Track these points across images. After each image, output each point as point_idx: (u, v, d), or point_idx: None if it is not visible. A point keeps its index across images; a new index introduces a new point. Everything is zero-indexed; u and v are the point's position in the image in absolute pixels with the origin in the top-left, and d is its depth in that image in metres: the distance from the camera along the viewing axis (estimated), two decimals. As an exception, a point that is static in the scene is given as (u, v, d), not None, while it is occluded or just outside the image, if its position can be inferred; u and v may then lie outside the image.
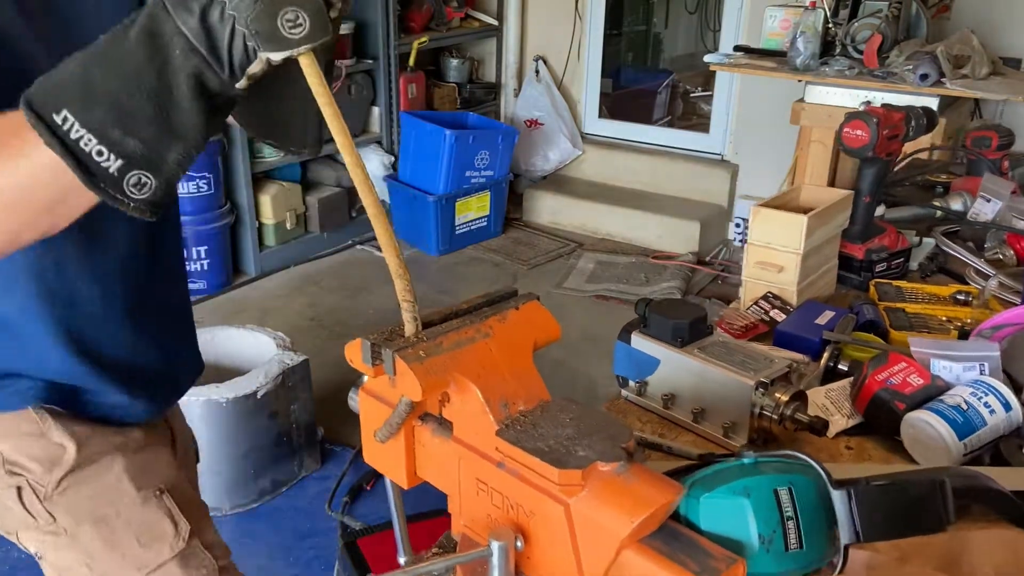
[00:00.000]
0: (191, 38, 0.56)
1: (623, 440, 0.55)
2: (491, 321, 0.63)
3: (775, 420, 0.90)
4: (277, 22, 0.55)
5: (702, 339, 0.98)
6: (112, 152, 0.57)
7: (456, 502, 0.66)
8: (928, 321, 1.18)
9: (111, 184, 0.58)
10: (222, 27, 0.56)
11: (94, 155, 0.57)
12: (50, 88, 0.58)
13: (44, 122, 0.57)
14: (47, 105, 0.57)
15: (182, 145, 0.59)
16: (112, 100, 0.57)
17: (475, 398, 0.60)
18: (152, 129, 0.57)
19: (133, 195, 0.59)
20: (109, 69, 0.57)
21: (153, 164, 0.58)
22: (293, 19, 0.55)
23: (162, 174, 0.59)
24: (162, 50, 0.56)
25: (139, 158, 0.58)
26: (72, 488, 0.93)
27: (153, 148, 0.58)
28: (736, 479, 0.56)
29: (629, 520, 0.51)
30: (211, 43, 0.56)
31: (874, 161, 1.35)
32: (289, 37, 0.56)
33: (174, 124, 0.58)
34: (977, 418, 0.91)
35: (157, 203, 0.60)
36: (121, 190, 0.58)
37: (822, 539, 0.56)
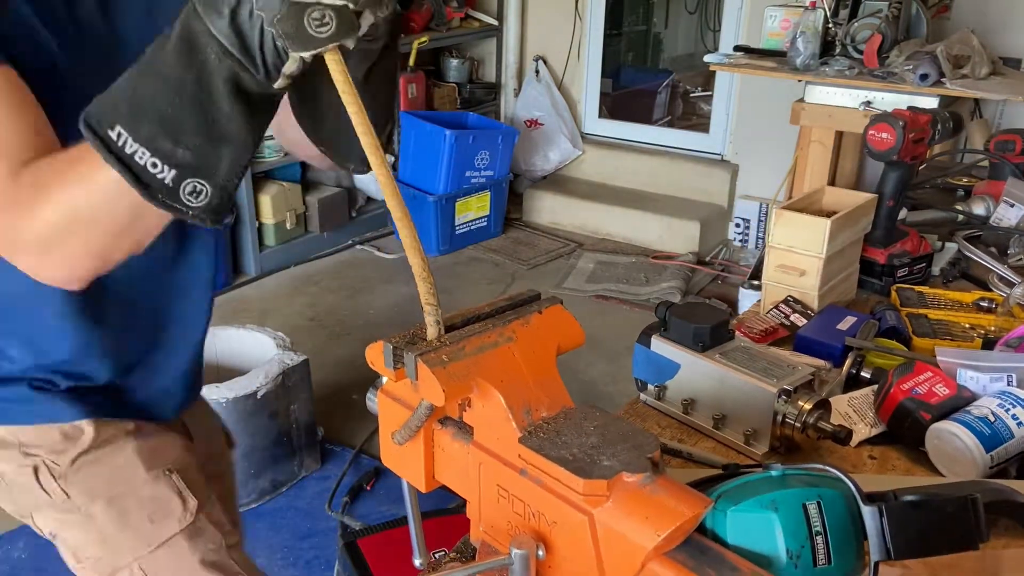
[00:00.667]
0: (223, 41, 0.56)
1: (649, 450, 0.55)
2: (514, 325, 0.62)
3: (798, 428, 0.89)
4: (304, 21, 0.55)
5: (723, 344, 0.97)
6: (165, 163, 0.59)
7: (475, 508, 0.65)
8: (951, 328, 1.17)
9: (168, 195, 0.60)
10: (251, 28, 0.56)
11: (149, 167, 0.58)
12: (104, 105, 0.59)
13: (100, 139, 0.58)
14: (102, 122, 0.59)
15: (230, 148, 0.59)
16: (158, 112, 0.58)
17: (498, 404, 0.59)
18: (199, 136, 0.58)
19: (190, 203, 0.60)
20: (152, 81, 0.58)
21: (205, 171, 0.60)
22: (319, 18, 0.55)
23: (216, 180, 0.60)
24: (198, 56, 0.57)
25: (191, 166, 0.59)
26: (86, 467, 0.96)
27: (203, 154, 0.59)
28: (764, 492, 0.55)
29: (655, 533, 0.50)
30: (243, 44, 0.57)
31: (899, 165, 1.34)
32: (316, 36, 0.55)
33: (219, 128, 0.59)
34: (1004, 430, 0.90)
35: (215, 209, 0.61)
36: (178, 199, 0.60)
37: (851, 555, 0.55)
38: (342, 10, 0.56)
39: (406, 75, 4.16)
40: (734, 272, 3.93)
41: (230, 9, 0.56)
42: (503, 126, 4.33)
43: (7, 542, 2.20)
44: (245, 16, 0.56)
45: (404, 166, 4.08)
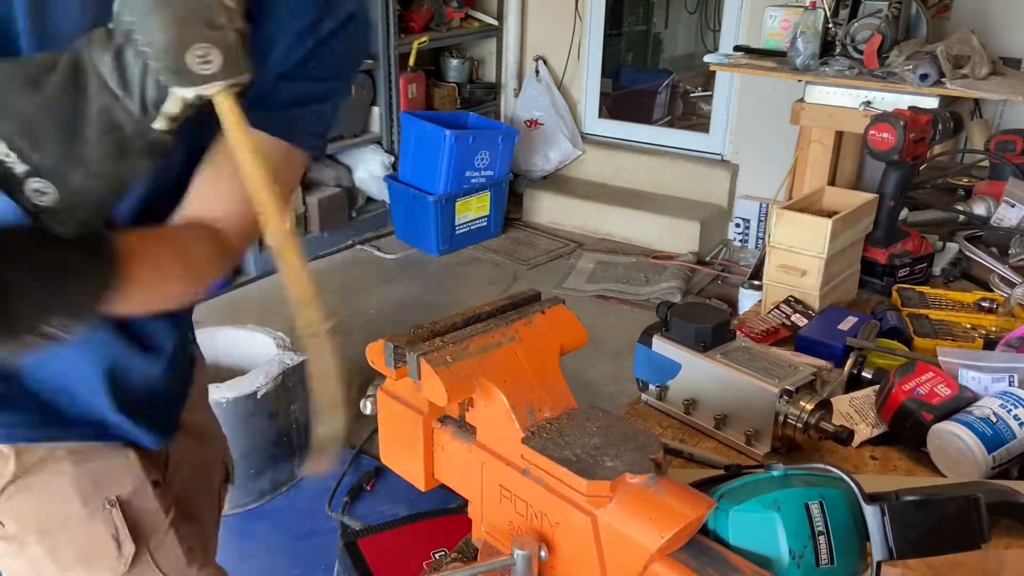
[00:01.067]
0: (104, 74, 0.57)
1: (652, 451, 0.55)
2: (517, 325, 0.62)
3: (799, 429, 0.89)
4: (185, 57, 0.55)
5: (725, 344, 0.97)
6: (19, 157, 0.59)
7: (477, 508, 0.65)
8: (952, 328, 1.16)
9: (13, 183, 0.59)
10: (134, 64, 0.57)
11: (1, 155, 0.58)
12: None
13: None
14: None
15: (83, 172, 0.60)
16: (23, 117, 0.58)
17: (501, 404, 0.59)
18: (56, 151, 0.59)
19: (32, 199, 0.60)
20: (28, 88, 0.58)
21: (55, 178, 0.60)
22: (203, 55, 0.55)
23: (63, 191, 0.60)
24: (80, 83, 0.58)
25: (40, 170, 0.59)
26: (18, 496, 0.87)
27: (55, 166, 0.59)
28: (766, 492, 0.55)
29: (659, 534, 0.50)
30: (123, 80, 0.57)
31: (899, 165, 1.33)
32: (198, 72, 0.56)
33: (79, 152, 0.59)
34: (1006, 431, 0.90)
35: (56, 213, 0.60)
36: (21, 192, 0.60)
37: (853, 555, 0.55)
38: (229, 48, 0.56)
39: (406, 75, 4.16)
40: (734, 272, 3.93)
41: (117, 45, 0.56)
42: (503, 126, 4.33)
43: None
44: (131, 53, 0.56)
45: (404, 166, 4.07)
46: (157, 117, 0.58)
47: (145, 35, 0.55)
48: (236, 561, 2.20)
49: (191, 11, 0.55)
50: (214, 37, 0.55)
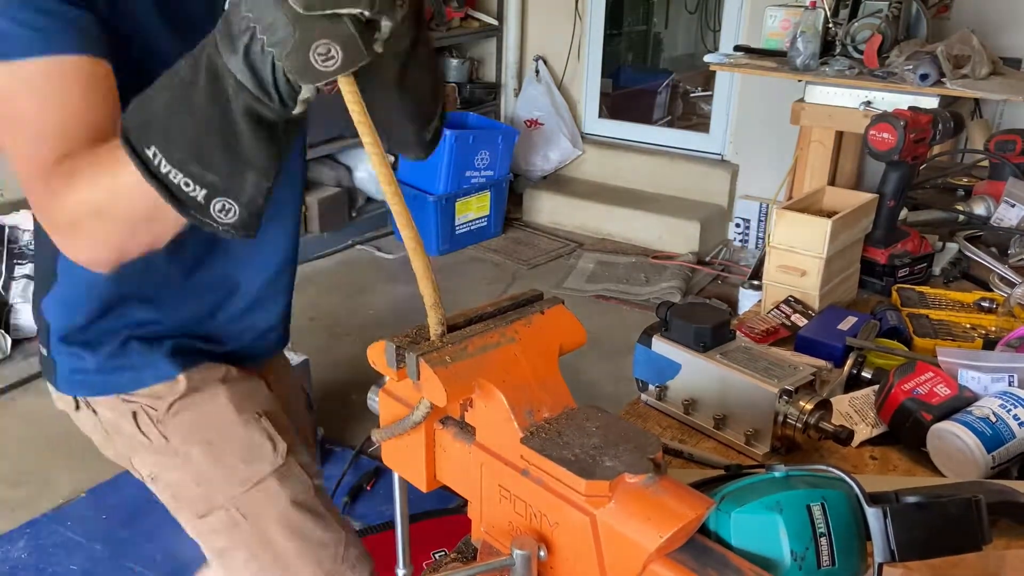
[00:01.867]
0: (238, 76, 0.59)
1: (651, 451, 0.55)
2: (517, 325, 0.62)
3: (799, 429, 0.89)
4: (309, 56, 0.56)
5: (724, 344, 0.97)
6: (196, 183, 0.62)
7: (476, 508, 0.65)
8: (952, 328, 1.16)
9: (199, 210, 0.64)
10: (263, 63, 0.58)
11: (182, 186, 0.62)
12: (140, 123, 0.63)
13: (138, 156, 0.62)
14: (140, 140, 0.62)
15: (254, 172, 0.63)
16: (188, 140, 0.61)
17: (500, 404, 0.59)
18: (224, 163, 0.62)
19: (220, 219, 0.64)
20: (182, 110, 0.61)
21: (232, 192, 0.63)
22: (325, 52, 0.56)
23: (242, 199, 0.64)
24: (221, 89, 0.60)
25: (219, 188, 0.63)
26: (183, 412, 1.04)
27: (229, 178, 0.63)
28: (768, 494, 0.54)
29: (658, 534, 0.50)
30: (257, 79, 0.59)
31: (900, 165, 1.33)
32: (323, 70, 0.57)
33: (242, 155, 0.62)
34: (1006, 430, 0.89)
35: (243, 225, 0.65)
36: (208, 215, 0.64)
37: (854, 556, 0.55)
38: (347, 41, 0.56)
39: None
40: (734, 272, 3.93)
41: (244, 45, 0.57)
42: (503, 126, 4.33)
43: (7, 542, 2.20)
44: (257, 51, 0.57)
45: (404, 166, 4.07)
46: (296, 105, 0.61)
47: (269, 36, 0.57)
48: (236, 561, 2.20)
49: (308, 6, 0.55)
50: (332, 31, 0.56)
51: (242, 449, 1.06)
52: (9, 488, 2.40)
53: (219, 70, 0.59)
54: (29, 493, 2.38)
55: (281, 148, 0.64)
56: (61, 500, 2.34)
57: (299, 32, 0.55)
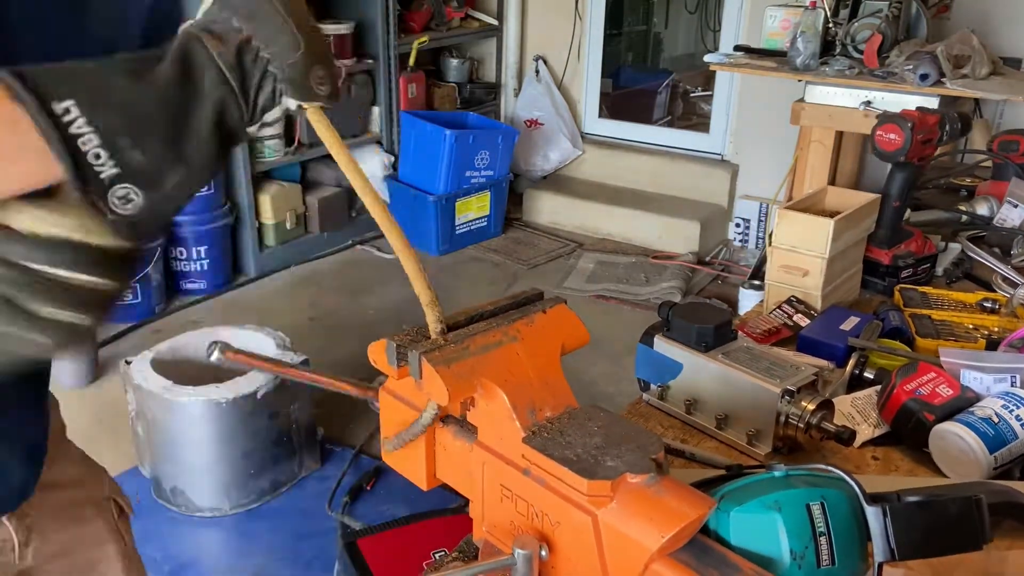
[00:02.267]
0: (224, 70, 0.56)
1: (653, 451, 0.54)
2: (519, 324, 0.62)
3: (801, 429, 0.89)
4: (309, 76, 0.58)
5: (726, 344, 0.97)
6: (113, 159, 0.54)
7: (478, 507, 0.65)
8: (954, 329, 1.16)
9: (96, 189, 0.54)
10: (254, 68, 0.57)
11: (91, 157, 0.53)
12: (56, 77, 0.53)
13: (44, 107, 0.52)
14: (49, 92, 0.52)
15: (184, 171, 0.57)
16: (131, 108, 0.54)
17: (502, 403, 0.59)
18: (160, 146, 0.55)
19: (114, 207, 0.54)
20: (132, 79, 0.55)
21: (149, 183, 0.55)
22: (321, 77, 0.58)
23: (153, 195, 0.56)
24: (194, 74, 0.56)
25: (137, 172, 0.55)
26: None
27: (156, 167, 0.55)
28: (767, 493, 0.54)
29: (659, 534, 0.50)
30: (242, 79, 0.57)
31: (906, 166, 1.33)
32: (316, 92, 0.58)
33: (184, 149, 0.56)
34: (1008, 431, 0.89)
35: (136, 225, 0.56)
36: (104, 199, 0.54)
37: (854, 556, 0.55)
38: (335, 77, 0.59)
39: (406, 75, 4.16)
40: (734, 272, 3.93)
41: (238, 43, 0.57)
42: (503, 126, 4.33)
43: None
44: (251, 56, 0.57)
45: (404, 166, 4.07)
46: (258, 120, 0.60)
47: (274, 47, 0.57)
48: (236, 561, 2.20)
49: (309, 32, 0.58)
50: (328, 62, 0.59)
51: None
52: (9, 488, 2.39)
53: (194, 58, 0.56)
54: (29, 493, 2.37)
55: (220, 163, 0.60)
56: (61, 500, 2.34)
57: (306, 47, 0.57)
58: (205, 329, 2.55)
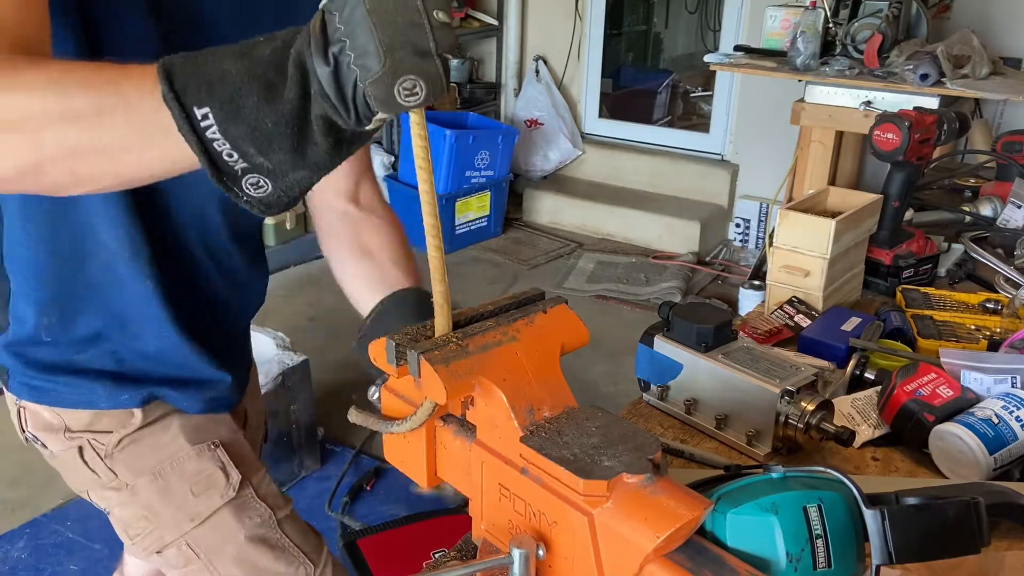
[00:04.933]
0: (323, 83, 0.57)
1: (650, 451, 0.54)
2: (518, 324, 0.62)
3: (800, 429, 0.89)
4: (394, 90, 0.55)
5: (727, 344, 0.97)
6: (241, 158, 0.59)
7: (477, 506, 0.65)
8: (956, 329, 1.15)
9: (231, 179, 0.60)
10: (347, 80, 0.57)
11: (224, 155, 0.58)
12: (197, 80, 0.57)
13: (185, 113, 0.57)
14: (190, 96, 0.57)
15: (306, 171, 0.61)
16: (255, 121, 0.58)
17: (500, 403, 0.59)
18: (284, 156, 0.59)
19: (248, 192, 0.60)
20: (262, 92, 0.58)
21: (275, 177, 0.60)
22: (410, 88, 0.56)
23: (280, 185, 0.61)
24: (307, 89, 0.58)
25: (263, 170, 0.60)
26: (131, 446, 0.99)
27: (280, 169, 0.60)
28: (764, 495, 0.54)
29: (655, 535, 0.50)
30: (339, 93, 0.57)
31: (904, 165, 1.33)
32: (404, 103, 0.56)
33: (305, 155, 0.59)
34: (1008, 432, 0.89)
35: (269, 203, 0.62)
36: (239, 185, 0.60)
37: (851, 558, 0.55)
38: (434, 79, 0.56)
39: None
40: (734, 272, 3.93)
41: (334, 56, 0.56)
42: (503, 126, 4.33)
43: (7, 542, 2.20)
44: (345, 67, 0.56)
45: (404, 166, 4.07)
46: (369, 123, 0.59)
47: (357, 57, 0.55)
48: (236, 561, 2.20)
49: (402, 37, 0.55)
50: (421, 68, 0.55)
51: (192, 480, 1.00)
52: (9, 488, 2.40)
53: (308, 69, 0.57)
54: (29, 493, 2.38)
55: (343, 157, 0.63)
56: (61, 500, 2.34)
57: (389, 63, 0.55)
58: (205, 329, 2.55)
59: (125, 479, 0.99)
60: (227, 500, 1.01)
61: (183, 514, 1.00)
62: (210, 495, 1.00)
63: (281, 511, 1.06)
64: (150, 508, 1.00)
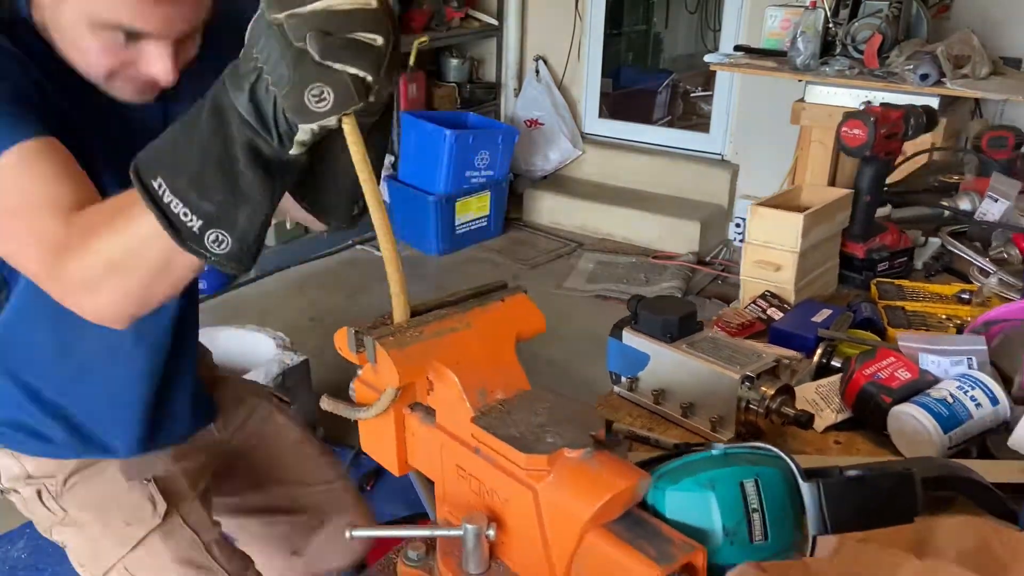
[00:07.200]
0: (242, 111, 0.63)
1: (593, 428, 0.56)
2: (474, 312, 0.64)
3: (761, 414, 0.91)
4: (304, 98, 0.60)
5: (691, 335, 0.98)
6: (193, 213, 0.65)
7: (440, 488, 0.67)
8: (927, 319, 1.17)
9: (194, 240, 0.66)
10: (266, 101, 0.62)
11: (181, 216, 0.66)
12: (150, 157, 0.67)
13: (144, 187, 0.66)
14: (147, 172, 0.66)
15: (248, 206, 0.66)
16: (191, 169, 0.65)
17: (453, 385, 0.61)
18: (221, 193, 0.65)
19: (213, 250, 0.67)
20: (188, 142, 0.65)
21: (226, 223, 0.66)
22: (318, 94, 0.60)
23: (234, 233, 0.67)
24: (223, 123, 0.64)
25: (214, 218, 0.66)
26: (77, 485, 1.14)
27: (224, 210, 0.66)
28: (702, 471, 0.56)
29: (590, 504, 0.52)
30: (259, 115, 0.63)
31: (873, 160, 1.35)
32: (315, 111, 0.61)
33: (239, 188, 0.65)
34: (962, 411, 0.91)
35: (234, 257, 0.68)
36: (203, 245, 0.67)
37: (788, 530, 0.56)
38: (340, 87, 0.61)
39: (406, 75, 4.17)
40: (734, 272, 3.94)
41: (250, 84, 0.62)
42: (503, 126, 4.34)
43: (7, 542, 2.22)
44: (262, 91, 0.62)
45: (404, 166, 4.09)
46: (292, 145, 0.65)
47: (272, 75, 0.61)
48: (233, 556, 2.21)
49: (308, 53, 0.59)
50: (328, 77, 0.60)
51: (126, 512, 1.14)
52: (10, 484, 2.43)
53: (224, 107, 0.63)
54: (30, 489, 2.40)
55: (276, 187, 0.67)
56: (61, 496, 2.37)
57: (297, 74, 0.60)
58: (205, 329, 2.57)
59: (74, 515, 1.14)
60: (154, 527, 1.14)
61: (119, 541, 1.14)
62: (140, 524, 1.14)
63: (207, 535, 1.18)
64: (93, 538, 1.15)
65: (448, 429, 0.63)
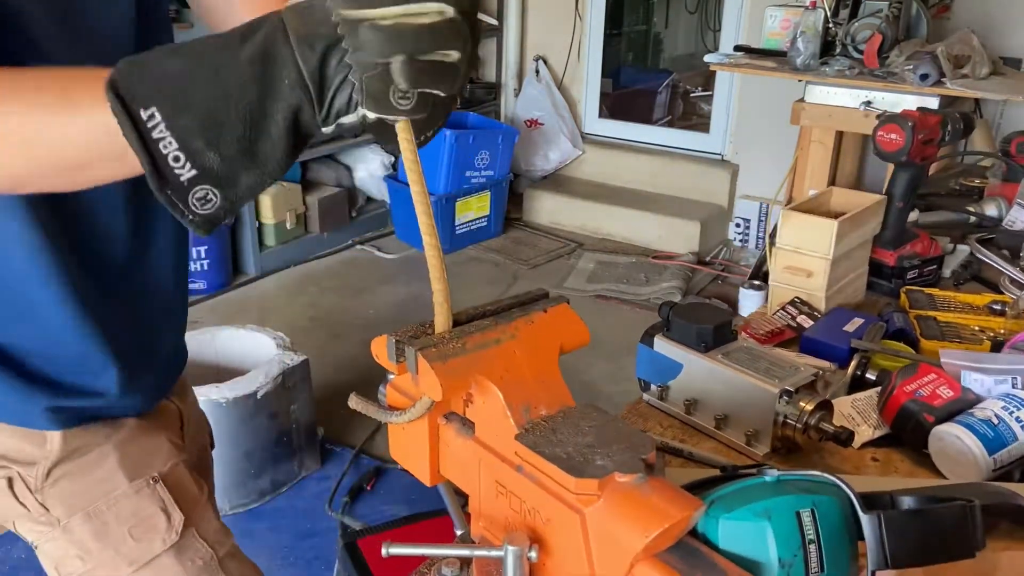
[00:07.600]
0: (305, 74, 0.55)
1: (644, 451, 0.54)
2: (518, 323, 0.62)
3: (799, 429, 0.89)
4: (390, 88, 0.55)
5: (726, 344, 0.96)
6: (189, 161, 0.55)
7: (476, 503, 0.65)
8: (960, 331, 1.14)
9: (177, 191, 0.56)
10: (335, 72, 0.55)
11: (170, 160, 0.55)
12: (140, 81, 0.55)
13: (129, 115, 0.54)
14: (136, 98, 0.54)
15: (258, 172, 0.58)
16: (206, 109, 0.55)
17: (496, 401, 0.59)
18: (235, 148, 0.56)
19: (194, 208, 0.57)
20: (212, 76, 0.55)
21: (225, 182, 0.57)
22: (405, 92, 0.56)
23: (229, 195, 0.58)
24: (271, 76, 0.55)
25: (213, 173, 0.56)
26: (63, 480, 0.91)
27: (230, 167, 0.56)
28: (757, 500, 0.54)
29: (644, 534, 0.50)
30: (321, 84, 0.56)
31: (908, 166, 1.32)
32: (395, 106, 0.56)
33: (258, 150, 0.57)
34: (1008, 433, 0.89)
35: (211, 220, 0.58)
36: (184, 200, 0.56)
37: (844, 562, 0.54)
38: (424, 94, 0.56)
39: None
40: (734, 272, 3.93)
41: (324, 47, 0.55)
42: (503, 126, 4.33)
43: (7, 542, 2.20)
44: (335, 61, 0.55)
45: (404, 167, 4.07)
46: (334, 125, 0.58)
47: (354, 53, 0.54)
48: (236, 561, 2.20)
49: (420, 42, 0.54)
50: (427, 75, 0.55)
51: (130, 522, 0.92)
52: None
53: (278, 57, 0.55)
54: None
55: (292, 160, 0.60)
56: (61, 500, 2.34)
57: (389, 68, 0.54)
58: (205, 329, 2.55)
59: (57, 515, 0.91)
60: (168, 545, 0.93)
61: (121, 558, 0.92)
62: (151, 539, 0.93)
63: (223, 548, 0.99)
64: (84, 548, 0.92)
65: (488, 444, 0.62)
